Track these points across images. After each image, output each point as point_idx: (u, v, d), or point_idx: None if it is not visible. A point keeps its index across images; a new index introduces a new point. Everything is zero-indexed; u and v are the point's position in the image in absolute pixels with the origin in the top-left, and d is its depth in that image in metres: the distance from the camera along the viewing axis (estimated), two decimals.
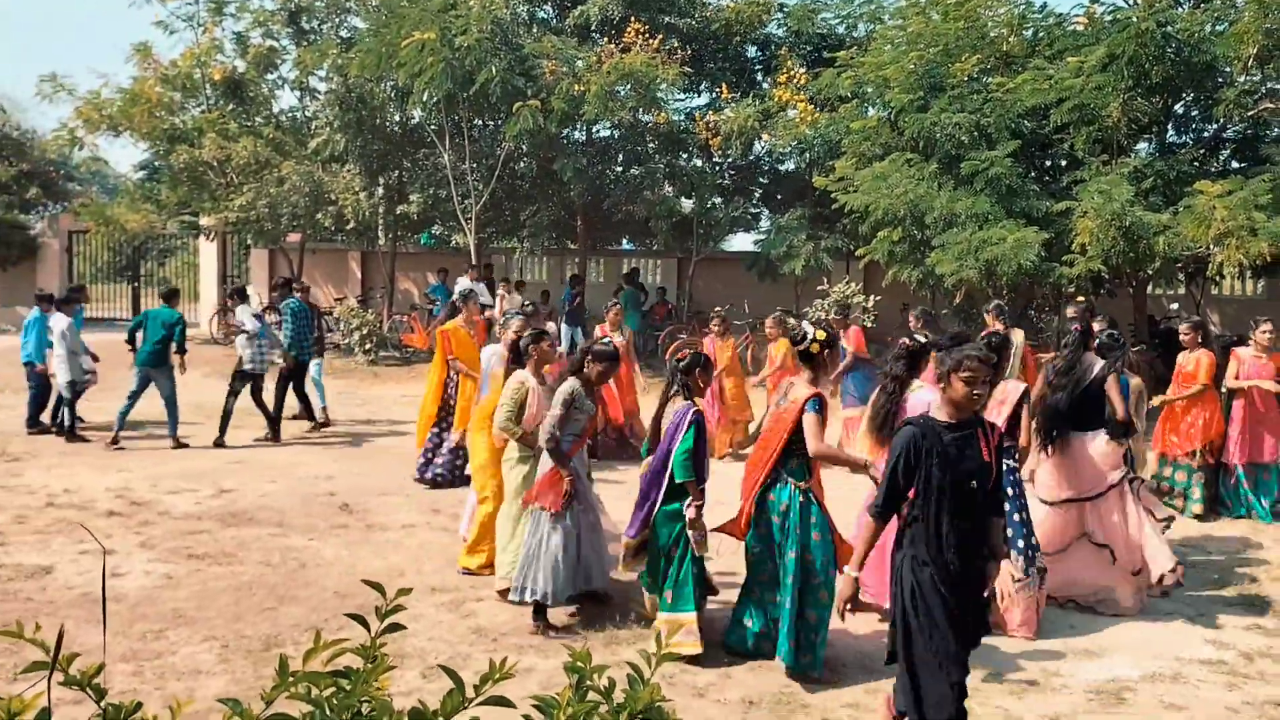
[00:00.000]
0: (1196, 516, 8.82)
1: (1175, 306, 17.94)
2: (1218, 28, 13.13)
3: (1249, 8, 12.00)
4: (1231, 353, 9.29)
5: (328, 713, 1.41)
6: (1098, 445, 6.49)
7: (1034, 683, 5.25)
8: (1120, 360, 6.78)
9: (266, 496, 8.90)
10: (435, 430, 9.55)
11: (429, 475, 9.49)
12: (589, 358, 6.05)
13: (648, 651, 1.70)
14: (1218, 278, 16.11)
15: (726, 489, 6.33)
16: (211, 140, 18.63)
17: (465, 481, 8.98)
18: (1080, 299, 11.78)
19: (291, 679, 1.44)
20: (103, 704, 1.43)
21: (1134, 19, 12.30)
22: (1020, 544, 5.83)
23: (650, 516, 5.57)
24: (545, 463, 5.94)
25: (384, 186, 20.09)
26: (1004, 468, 5.88)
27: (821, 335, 5.38)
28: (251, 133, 19.53)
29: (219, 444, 10.98)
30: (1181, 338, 9.24)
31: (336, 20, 20.15)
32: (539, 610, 5.85)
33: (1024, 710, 4.93)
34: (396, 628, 1.57)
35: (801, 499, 5.23)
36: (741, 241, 35.11)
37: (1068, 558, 6.44)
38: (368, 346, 18.12)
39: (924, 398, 5.79)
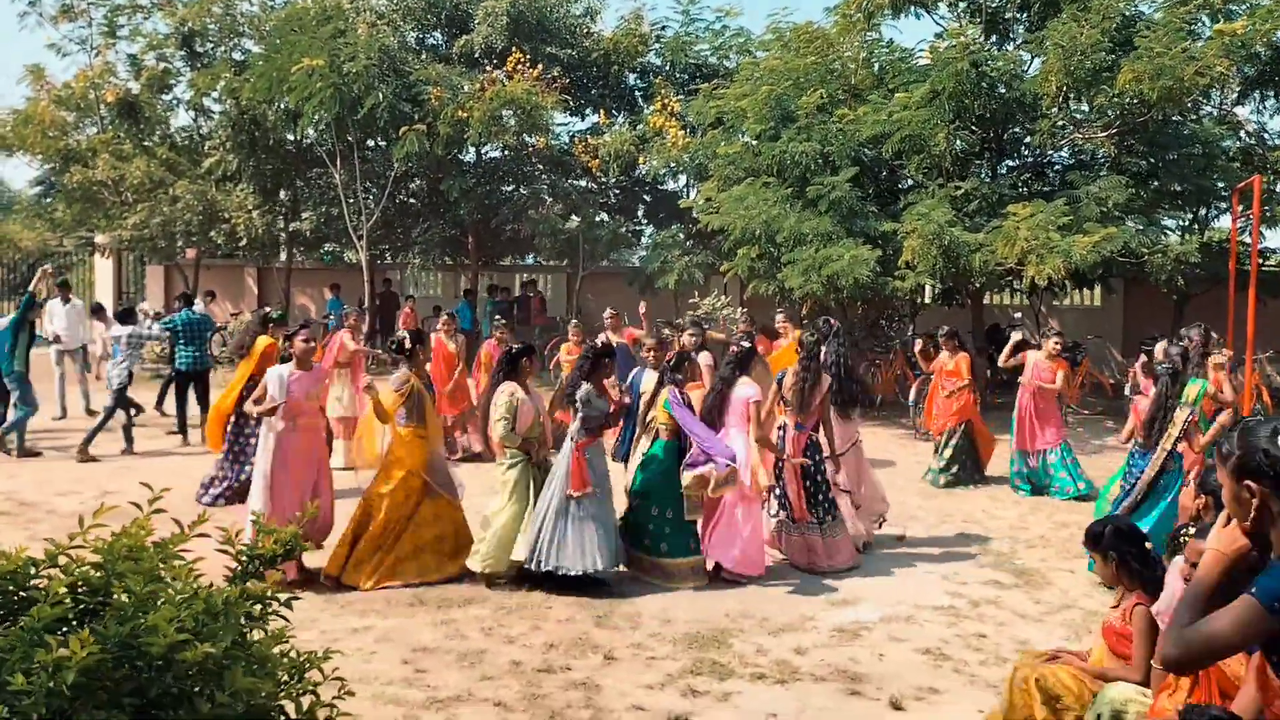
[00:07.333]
0: (946, 485, 10.60)
1: (1019, 315, 19.61)
2: (1031, 67, 14.69)
3: (1053, 50, 13.53)
4: (1022, 355, 10.75)
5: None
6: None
7: (789, 626, 6.38)
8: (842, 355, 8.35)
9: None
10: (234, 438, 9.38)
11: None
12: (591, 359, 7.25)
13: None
14: (1057, 289, 17.93)
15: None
16: (105, 160, 19.10)
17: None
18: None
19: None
20: None
21: (953, 58, 13.73)
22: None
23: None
24: (563, 458, 6.93)
25: (277, 204, 20.73)
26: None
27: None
28: (146, 152, 20.03)
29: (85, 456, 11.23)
30: (942, 343, 10.98)
31: (230, 43, 20.76)
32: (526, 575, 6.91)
33: (775, 644, 6.03)
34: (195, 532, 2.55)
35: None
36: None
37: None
38: None
39: (744, 393, 7.30)
